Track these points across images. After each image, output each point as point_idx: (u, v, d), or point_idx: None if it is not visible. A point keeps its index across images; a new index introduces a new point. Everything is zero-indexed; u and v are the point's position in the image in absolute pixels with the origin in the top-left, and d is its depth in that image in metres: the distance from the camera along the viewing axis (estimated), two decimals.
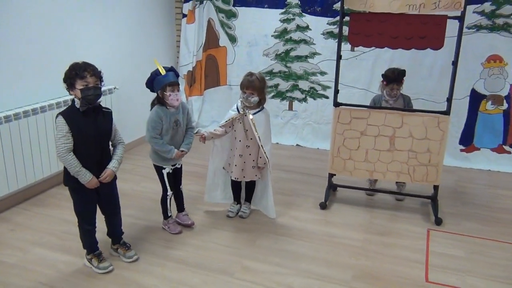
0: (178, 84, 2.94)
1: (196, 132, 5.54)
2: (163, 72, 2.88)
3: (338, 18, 4.73)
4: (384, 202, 3.79)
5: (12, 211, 3.46)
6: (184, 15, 5.32)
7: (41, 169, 3.67)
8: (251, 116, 3.11)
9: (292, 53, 5.10)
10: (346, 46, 4.75)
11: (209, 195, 3.54)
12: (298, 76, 5.15)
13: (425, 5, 3.11)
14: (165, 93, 2.87)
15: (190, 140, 3.13)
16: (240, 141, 3.19)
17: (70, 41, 3.96)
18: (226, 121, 3.20)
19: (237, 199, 3.52)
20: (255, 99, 3.09)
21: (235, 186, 3.46)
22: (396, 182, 3.84)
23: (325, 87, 5.06)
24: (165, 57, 5.45)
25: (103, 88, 4.19)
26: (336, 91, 3.56)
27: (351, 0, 3.31)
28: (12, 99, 3.46)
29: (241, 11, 5.18)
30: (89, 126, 2.48)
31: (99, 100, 2.53)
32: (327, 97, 5.08)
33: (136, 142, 5.09)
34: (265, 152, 3.16)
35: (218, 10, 5.27)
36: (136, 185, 4.06)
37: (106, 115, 2.62)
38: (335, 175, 3.74)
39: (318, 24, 4.89)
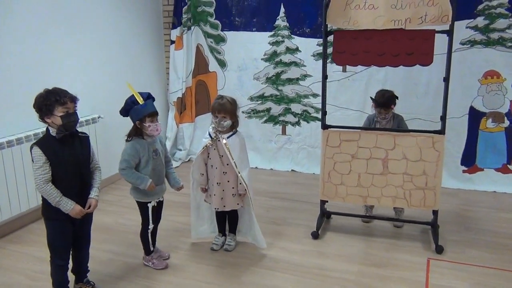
0: (157, 113, 2.79)
1: (189, 160, 5.39)
2: (141, 101, 2.73)
3: (328, 38, 4.65)
4: (382, 230, 3.54)
5: None
6: (172, 42, 5.23)
7: (18, 204, 3.50)
8: (224, 141, 2.95)
9: (283, 76, 4.96)
10: (336, 67, 4.63)
11: (196, 232, 3.34)
12: (290, 99, 4.99)
13: (411, 20, 2.96)
14: (144, 124, 2.72)
15: (175, 175, 3.05)
16: (216, 168, 3.02)
17: (50, 69, 3.85)
18: (202, 150, 3.03)
19: (222, 230, 3.30)
20: (227, 122, 2.94)
21: (219, 216, 3.25)
22: (394, 208, 3.61)
23: (318, 110, 4.89)
24: (154, 84, 5.34)
25: (86, 117, 4.24)
26: (324, 113, 3.40)
27: (334, 18, 3.16)
28: None
29: (230, 35, 5.08)
30: (67, 153, 2.37)
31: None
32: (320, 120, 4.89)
33: None
34: (243, 178, 2.97)
35: (207, 35, 5.18)
36: (120, 217, 3.87)
37: (83, 140, 2.51)
38: (327, 201, 3.52)
39: (308, 46, 4.76)
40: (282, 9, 4.78)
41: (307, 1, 4.64)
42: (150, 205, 2.90)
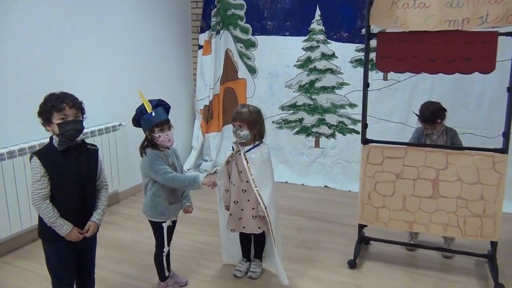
0: (168, 122, 2.48)
1: (214, 172, 5.07)
2: (149, 109, 2.43)
3: None
4: (429, 260, 3.10)
5: None
6: (200, 46, 4.95)
7: (29, 217, 3.26)
8: (243, 153, 2.62)
9: (317, 84, 4.58)
10: (378, 75, 4.22)
11: (227, 255, 3.02)
12: (324, 109, 4.61)
13: (470, 20, 2.54)
14: (153, 134, 2.44)
15: (189, 195, 2.73)
16: (234, 184, 2.68)
17: (68, 74, 3.62)
18: (224, 163, 2.72)
19: (246, 255, 2.95)
20: (244, 132, 2.60)
21: (243, 239, 2.90)
22: (443, 236, 3.15)
23: (355, 121, 4.48)
24: (180, 91, 5.08)
25: (106, 125, 4.01)
26: (364, 126, 3.01)
27: (378, 18, 2.78)
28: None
29: (261, 40, 4.75)
30: (69, 167, 2.08)
31: (80, 137, 2.13)
32: (358, 132, 4.49)
33: None
34: (261, 198, 2.58)
35: (236, 39, 4.88)
36: (138, 234, 3.57)
37: (91, 153, 2.21)
38: (366, 226, 3.11)
39: (345, 51, 4.38)
40: (318, 12, 4.42)
41: (346, 3, 4.27)
42: (165, 225, 2.59)
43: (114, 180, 4.05)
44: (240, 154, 2.65)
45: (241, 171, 2.64)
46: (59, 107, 1.99)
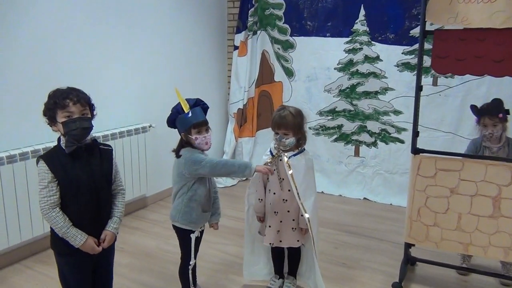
0: (206, 123, 2.26)
1: (246, 179, 4.85)
2: (186, 108, 2.23)
3: (416, 46, 3.94)
4: (483, 286, 2.75)
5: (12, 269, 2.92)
6: (236, 47, 4.75)
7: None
8: (286, 159, 2.35)
9: (359, 89, 4.28)
10: (425, 80, 3.88)
11: (249, 271, 2.74)
12: (366, 115, 4.30)
13: None
14: (190, 136, 2.23)
15: (218, 204, 2.52)
16: (274, 194, 2.42)
17: (97, 73, 3.48)
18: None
19: (279, 271, 2.69)
20: (290, 140, 2.34)
21: (276, 254, 2.65)
22: (501, 261, 2.80)
23: (399, 129, 4.15)
24: (214, 93, 4.89)
25: (136, 126, 3.85)
26: (415, 134, 2.70)
27: (436, 14, 2.48)
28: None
29: (300, 41, 4.50)
30: (80, 171, 1.88)
31: (90, 136, 1.93)
32: (402, 141, 4.16)
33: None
34: (305, 210, 2.34)
35: (274, 41, 4.65)
36: (164, 242, 3.38)
37: (105, 155, 2.01)
38: (414, 245, 2.79)
39: (391, 54, 4.06)
40: (362, 12, 4.13)
41: (393, 2, 3.96)
42: (193, 236, 2.36)
43: (142, 183, 3.89)
44: (281, 160, 2.40)
45: (282, 179, 2.39)
46: (62, 104, 1.80)
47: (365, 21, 4.13)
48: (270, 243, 2.44)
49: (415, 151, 2.66)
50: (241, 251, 3.13)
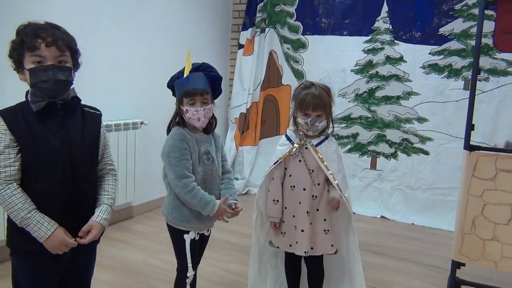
0: (203, 94, 1.75)
1: (246, 193, 4.31)
2: (187, 73, 1.75)
3: (446, 45, 3.54)
4: None
5: None
6: (241, 46, 4.30)
7: None
8: (312, 148, 1.90)
9: (379, 93, 3.84)
10: (455, 83, 3.51)
11: None
12: (385, 123, 3.84)
13: None
14: (181, 106, 1.75)
15: (234, 190, 1.92)
16: (304, 190, 1.90)
17: (95, 65, 2.98)
18: (278, 163, 1.94)
19: None
20: (323, 123, 1.90)
21: (292, 270, 2.10)
22: None
23: (424, 139, 3.69)
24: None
25: (126, 120, 3.33)
26: (470, 127, 2.23)
27: None
28: None
29: (313, 40, 4.08)
30: (52, 136, 1.36)
31: (70, 93, 1.41)
32: (426, 153, 3.69)
33: None
34: (348, 202, 1.90)
35: (283, 40, 4.21)
36: (152, 257, 2.80)
37: (90, 119, 1.49)
38: (464, 265, 2.27)
39: (416, 55, 3.65)
40: (385, 8, 3.73)
41: None
42: (187, 238, 1.80)
43: (129, 189, 3.33)
44: (306, 148, 1.90)
45: (312, 171, 1.88)
46: (31, 44, 1.29)
47: (387, 18, 3.73)
48: (305, 252, 1.89)
49: (470, 147, 2.19)
50: (245, 270, 2.58)
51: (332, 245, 1.92)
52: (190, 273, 1.83)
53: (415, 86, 3.69)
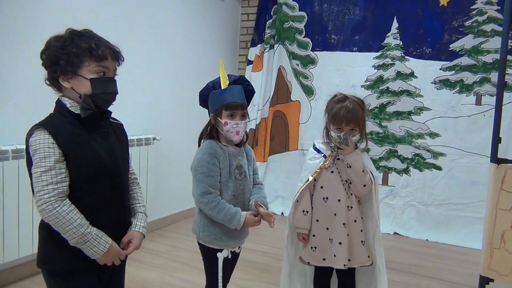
0: (243, 108, 1.73)
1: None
2: (224, 84, 1.71)
3: (456, 61, 3.57)
4: None
5: None
6: (250, 62, 4.31)
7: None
8: (349, 157, 1.88)
9: (390, 108, 3.84)
10: (467, 99, 3.54)
11: None
12: (397, 139, 3.83)
13: None
14: (219, 119, 1.70)
15: (264, 195, 1.86)
16: (339, 201, 1.86)
17: None
18: (313, 176, 1.89)
19: None
20: (356, 137, 1.88)
21: (321, 284, 2.05)
22: None
23: (436, 154, 3.68)
24: None
25: (139, 136, 3.23)
26: (497, 140, 2.21)
27: None
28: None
29: (322, 56, 4.09)
30: (99, 148, 1.33)
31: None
32: (439, 168, 3.68)
33: (180, 216, 3.85)
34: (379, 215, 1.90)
35: (292, 56, 4.22)
36: (168, 275, 2.73)
37: (118, 130, 1.48)
38: (493, 280, 2.23)
39: (427, 70, 3.67)
40: (395, 24, 3.76)
41: (430, 13, 3.62)
42: (221, 256, 1.75)
43: None
44: (339, 159, 1.88)
45: (346, 181, 1.85)
46: (100, 53, 1.27)
47: (398, 35, 3.75)
48: (344, 265, 1.85)
49: (498, 160, 2.17)
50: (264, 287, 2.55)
51: (368, 256, 1.88)
52: None
53: (426, 102, 3.70)
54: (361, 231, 1.88)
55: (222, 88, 1.72)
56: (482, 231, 3.46)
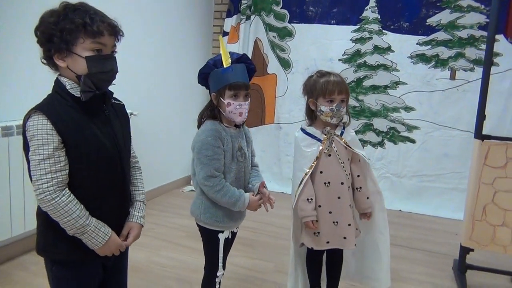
0: (247, 88, 1.67)
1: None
2: (226, 62, 1.64)
3: (433, 36, 3.63)
4: None
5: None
6: (226, 33, 4.19)
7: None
8: (339, 139, 1.87)
9: (366, 82, 3.88)
10: (442, 73, 3.61)
11: None
12: (373, 112, 3.89)
13: None
14: (221, 99, 1.63)
15: (262, 178, 1.84)
16: (342, 183, 1.86)
17: None
18: (313, 163, 1.85)
19: (317, 283, 2.10)
20: (345, 109, 1.84)
21: (317, 265, 2.08)
22: None
23: (411, 128, 3.79)
24: (196, 84, 4.27)
25: None
26: (482, 117, 2.28)
27: None
28: None
29: (299, 28, 4.04)
30: (101, 133, 1.25)
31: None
32: (413, 141, 3.79)
33: (158, 191, 3.79)
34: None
35: (269, 28, 4.15)
36: (155, 254, 2.70)
37: (120, 112, 1.40)
38: (472, 250, 2.35)
39: (404, 45, 3.71)
40: None
41: None
42: (222, 237, 1.75)
43: None
44: (333, 140, 1.86)
45: (343, 163, 1.85)
46: (95, 29, 1.17)
47: (376, 8, 3.75)
48: (355, 245, 1.87)
49: (482, 136, 2.25)
50: (256, 264, 2.60)
51: (356, 229, 1.90)
52: (220, 272, 1.79)
53: (402, 76, 3.76)
54: (350, 206, 1.87)
55: (225, 66, 1.65)
56: (453, 201, 3.67)
